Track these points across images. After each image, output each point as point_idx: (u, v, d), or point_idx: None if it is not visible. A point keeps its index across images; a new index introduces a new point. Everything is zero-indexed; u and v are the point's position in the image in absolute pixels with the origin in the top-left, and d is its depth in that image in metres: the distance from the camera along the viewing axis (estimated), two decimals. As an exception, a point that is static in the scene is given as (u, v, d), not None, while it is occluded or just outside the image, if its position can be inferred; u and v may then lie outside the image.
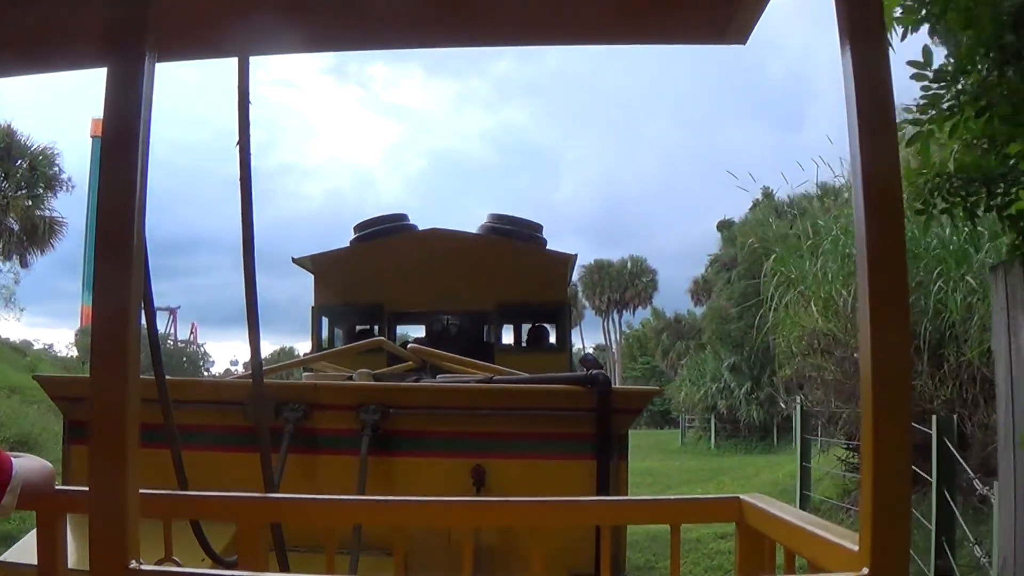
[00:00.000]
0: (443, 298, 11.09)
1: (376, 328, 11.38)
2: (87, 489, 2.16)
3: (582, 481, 4.95)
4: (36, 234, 32.01)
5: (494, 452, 5.09)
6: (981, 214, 6.11)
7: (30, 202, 31.90)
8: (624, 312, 72.87)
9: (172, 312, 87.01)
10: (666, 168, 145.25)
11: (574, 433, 5.09)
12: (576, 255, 11.57)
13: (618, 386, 5.39)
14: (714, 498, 3.62)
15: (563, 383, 5.39)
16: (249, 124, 3.28)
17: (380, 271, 10.83)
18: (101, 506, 2.14)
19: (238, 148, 3.28)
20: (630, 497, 5.13)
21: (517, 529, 3.71)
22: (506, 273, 10.84)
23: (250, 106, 3.26)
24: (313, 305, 11.32)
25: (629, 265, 71.58)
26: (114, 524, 2.13)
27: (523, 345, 12.12)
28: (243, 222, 3.35)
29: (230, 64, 3.25)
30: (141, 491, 2.22)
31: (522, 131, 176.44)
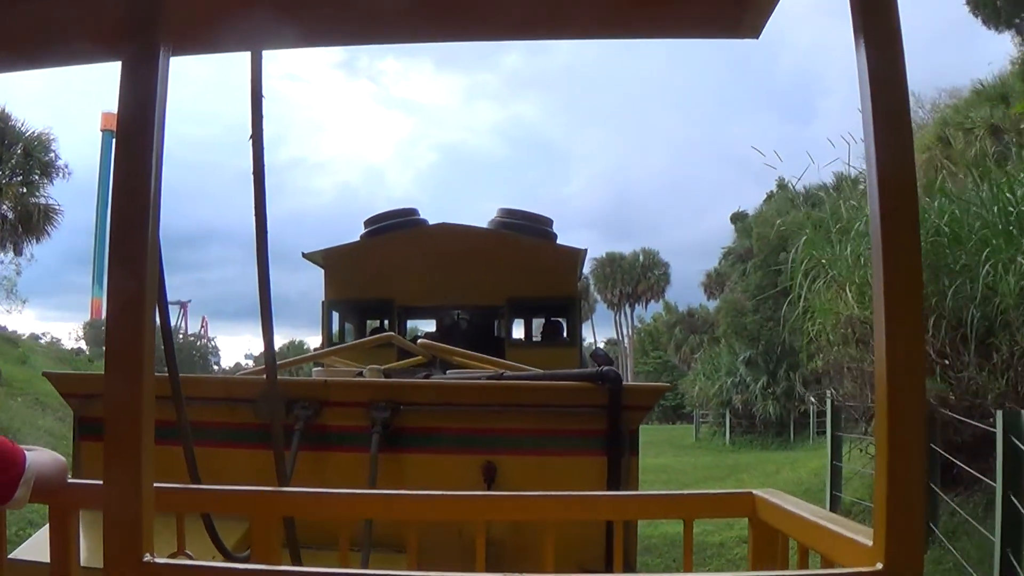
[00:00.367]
0: (453, 293, 11.11)
1: (386, 323, 11.40)
2: (101, 483, 2.17)
3: (593, 478, 4.94)
4: (30, 222, 31.27)
5: (505, 449, 5.08)
6: None
7: (24, 189, 31.03)
8: (636, 306, 72.67)
9: (183, 306, 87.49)
10: (677, 162, 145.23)
11: (585, 430, 5.08)
12: (586, 249, 11.59)
13: (629, 382, 5.38)
14: (727, 493, 3.62)
15: (574, 380, 5.38)
16: (262, 119, 3.27)
17: (390, 266, 10.85)
18: (115, 500, 2.15)
19: (251, 142, 3.28)
20: (642, 492, 5.13)
21: (528, 524, 3.71)
22: (516, 268, 10.84)
23: (263, 100, 3.27)
24: (323, 300, 11.36)
25: (641, 258, 71.29)
26: (128, 518, 2.14)
27: (534, 339, 12.14)
28: (256, 217, 3.34)
29: (238, 58, 3.24)
30: (154, 485, 2.23)
31: (532, 125, 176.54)
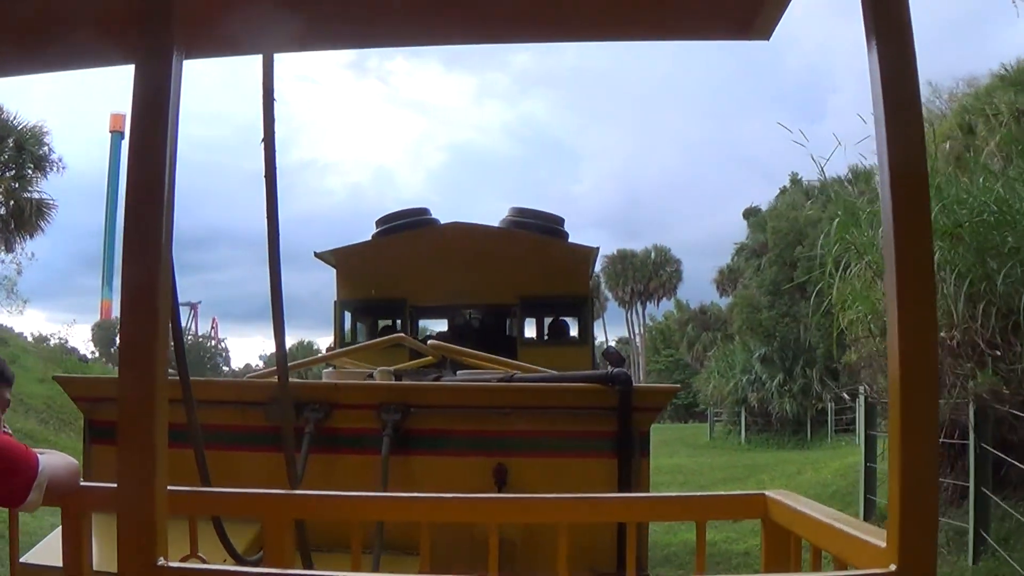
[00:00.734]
0: (465, 292, 11.10)
1: (398, 322, 11.39)
2: (114, 486, 2.17)
3: (604, 479, 4.93)
4: (22, 217, 29.76)
5: (516, 451, 5.08)
6: None
7: (16, 184, 29.57)
8: (648, 303, 71.64)
9: (194, 307, 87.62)
10: (686, 160, 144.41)
11: (595, 431, 5.07)
12: (598, 248, 11.54)
13: (639, 384, 5.37)
14: (739, 494, 3.61)
15: (584, 381, 5.38)
16: (274, 121, 3.27)
17: (402, 265, 10.84)
18: (129, 504, 2.15)
19: (263, 145, 3.28)
20: (653, 494, 5.12)
21: (539, 526, 3.71)
22: (528, 266, 10.81)
23: (275, 102, 3.27)
24: (335, 299, 11.36)
25: (653, 255, 70.17)
26: (142, 522, 2.14)
27: (546, 338, 12.11)
28: (268, 220, 3.34)
29: (249, 60, 3.24)
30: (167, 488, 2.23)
31: (542, 124, 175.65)
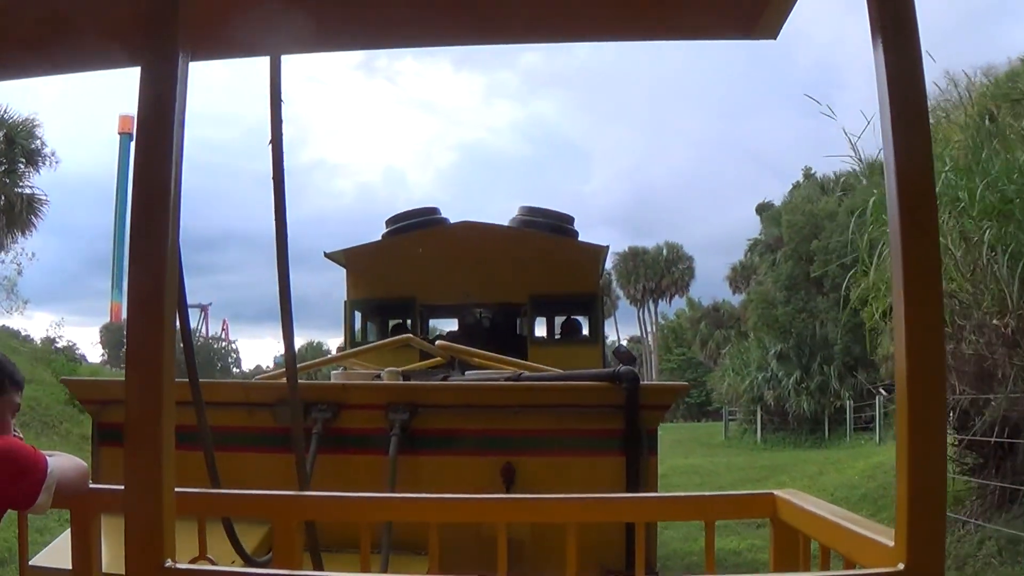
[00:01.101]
0: (475, 291, 11.09)
1: (408, 322, 11.40)
2: (122, 488, 2.18)
3: (612, 478, 4.93)
4: (12, 212, 29.07)
5: (523, 450, 5.09)
6: None
7: (7, 179, 28.80)
8: (660, 301, 70.96)
9: (204, 309, 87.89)
10: (697, 158, 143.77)
11: (603, 430, 5.07)
12: (608, 246, 11.52)
13: (646, 382, 5.37)
14: (747, 494, 3.60)
15: (591, 380, 5.39)
16: (281, 123, 3.28)
17: (412, 265, 10.85)
18: (136, 506, 2.16)
19: (271, 147, 3.29)
20: (662, 493, 5.12)
21: (547, 526, 3.71)
22: (538, 265, 10.80)
23: (282, 104, 3.28)
24: (345, 299, 11.38)
25: (665, 252, 69.52)
26: (149, 524, 2.15)
27: (556, 337, 12.11)
28: (276, 221, 3.35)
29: (257, 61, 3.25)
30: (176, 490, 2.24)
31: (552, 123, 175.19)
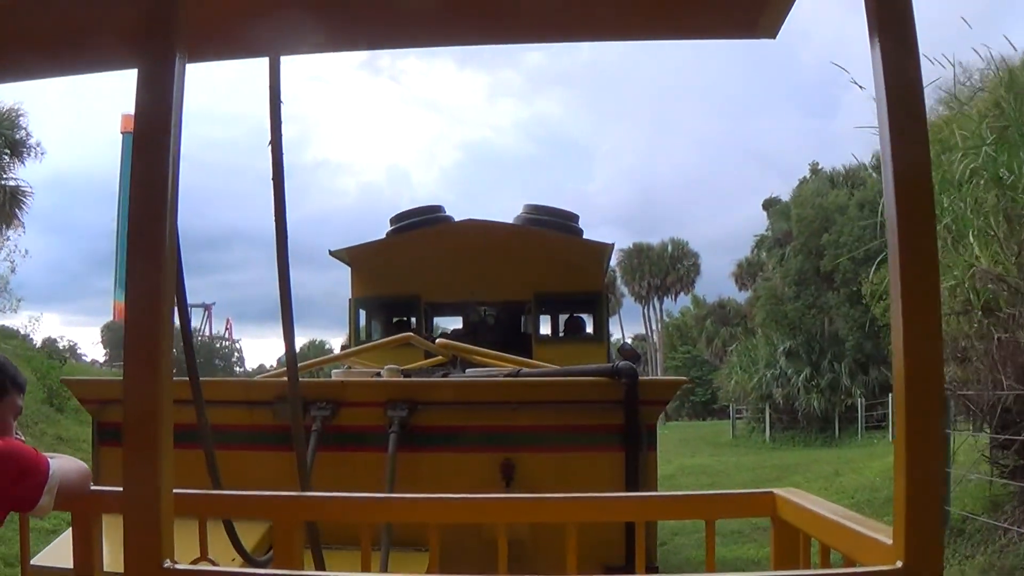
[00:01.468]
0: (480, 289, 11.10)
1: (413, 320, 11.41)
2: (122, 489, 2.18)
3: (611, 473, 4.95)
4: None
5: (523, 446, 5.10)
6: None
7: None
8: (665, 299, 70.20)
9: (207, 308, 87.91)
10: (701, 157, 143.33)
11: (602, 425, 5.08)
12: (613, 244, 11.53)
13: (646, 377, 5.38)
14: (748, 493, 3.60)
15: (590, 375, 5.39)
16: (281, 124, 3.28)
17: (417, 262, 10.86)
18: (135, 506, 2.17)
19: (270, 148, 3.29)
20: (662, 492, 5.12)
21: (548, 524, 3.71)
22: (542, 263, 10.81)
23: (282, 105, 3.27)
24: (350, 297, 11.39)
25: (670, 248, 68.57)
26: (148, 524, 2.15)
27: (561, 335, 12.11)
28: (276, 222, 3.35)
29: (261, 60, 3.26)
30: (176, 491, 2.24)
31: (555, 122, 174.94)
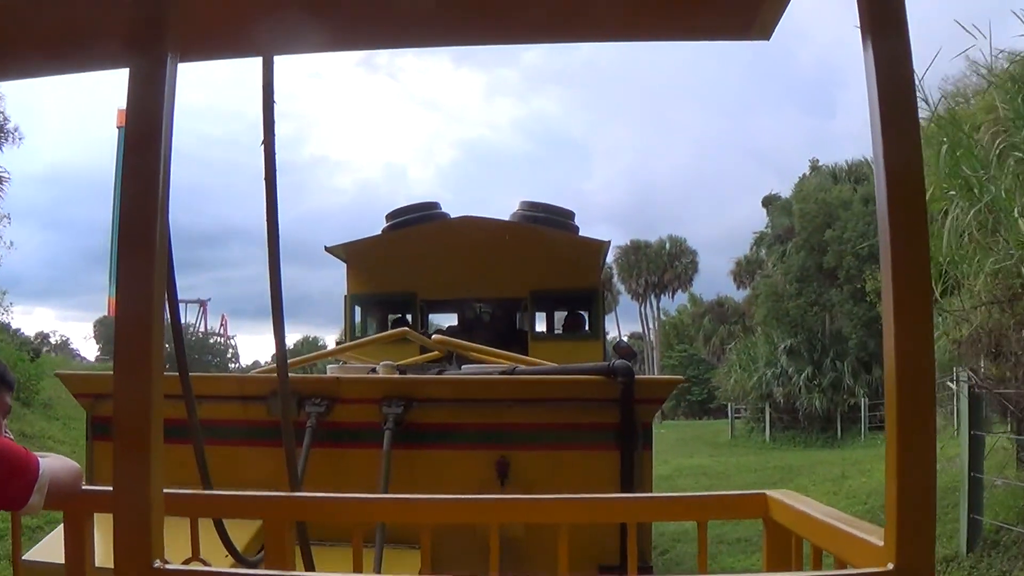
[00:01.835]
0: (476, 286, 11.10)
1: (409, 316, 11.41)
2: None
3: (606, 472, 4.94)
4: None
5: (518, 444, 5.10)
6: None
7: None
8: (663, 296, 69.23)
9: (203, 304, 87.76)
10: (698, 156, 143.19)
11: (597, 423, 5.08)
12: (609, 241, 11.52)
13: (642, 375, 5.36)
14: (740, 494, 3.58)
15: (585, 373, 5.38)
16: (274, 124, 3.26)
17: (413, 259, 10.86)
18: (125, 506, 2.16)
19: (263, 148, 3.27)
20: (655, 494, 5.11)
21: (542, 523, 3.71)
22: (538, 260, 10.80)
23: (275, 105, 3.26)
24: (346, 294, 11.38)
25: (668, 246, 67.60)
26: (138, 524, 2.15)
27: (556, 332, 12.11)
28: (268, 223, 3.34)
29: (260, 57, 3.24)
30: (167, 491, 2.23)
31: (553, 121, 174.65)
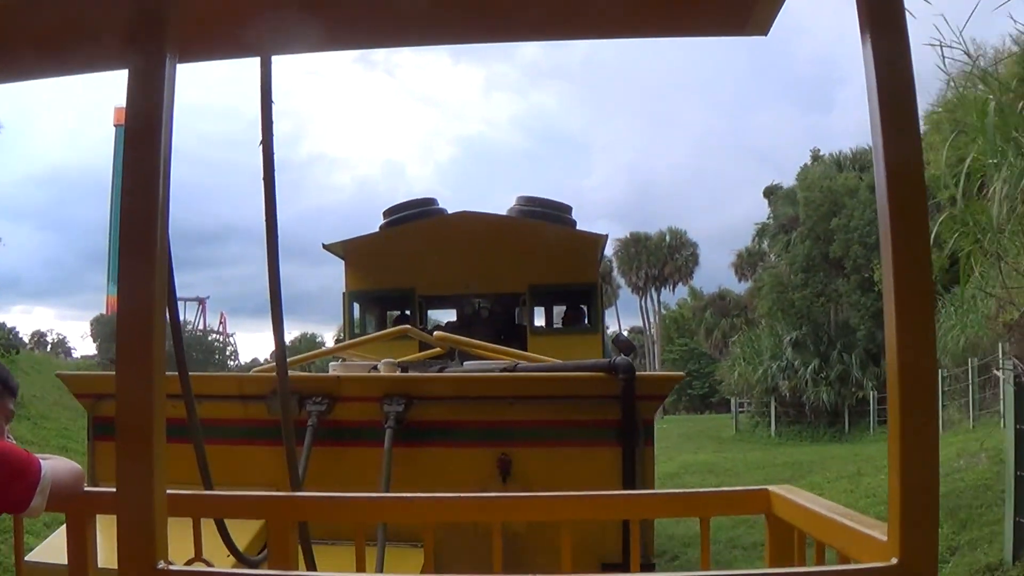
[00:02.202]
0: (474, 281, 11.08)
1: (408, 313, 11.40)
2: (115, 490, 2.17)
3: (608, 468, 4.93)
4: None
5: (519, 441, 5.09)
6: None
7: None
8: (663, 289, 68.57)
9: (201, 302, 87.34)
10: (697, 152, 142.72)
11: (599, 420, 5.07)
12: (607, 235, 11.50)
13: (643, 372, 5.36)
14: (742, 490, 3.58)
15: (586, 370, 5.38)
16: (272, 124, 3.25)
17: (410, 255, 10.84)
18: (128, 507, 2.16)
19: (262, 148, 3.26)
20: (657, 491, 5.11)
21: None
22: (536, 255, 10.78)
23: (273, 105, 3.25)
24: (344, 291, 11.37)
25: (668, 238, 66.93)
26: (141, 525, 2.15)
27: (556, 327, 12.11)
28: (267, 222, 3.33)
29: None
30: (169, 491, 2.23)
31: (551, 117, 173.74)
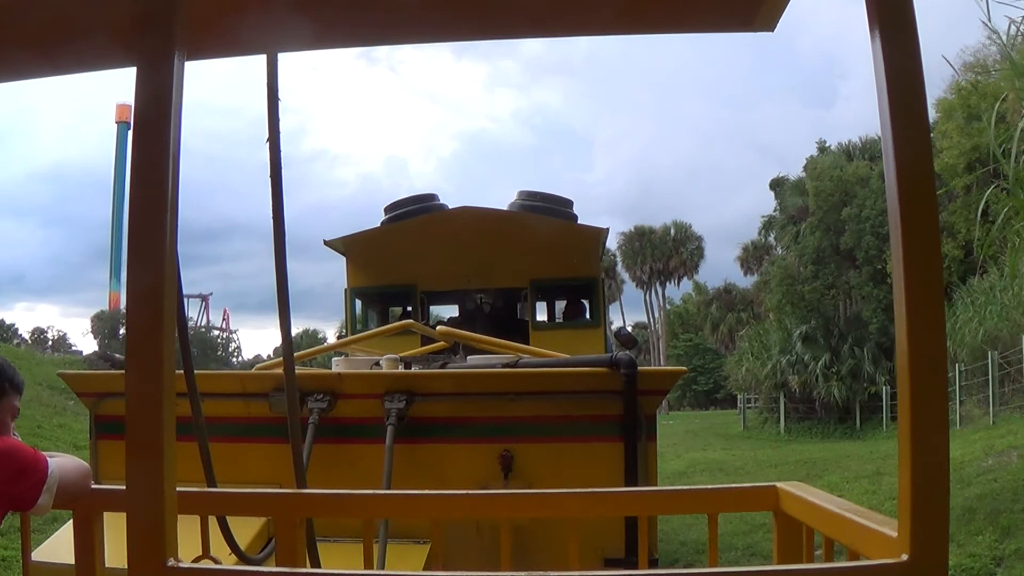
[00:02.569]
0: (476, 276, 11.07)
1: (409, 308, 11.41)
2: (123, 488, 2.17)
3: (610, 464, 4.93)
4: None
5: (522, 436, 5.10)
6: None
7: None
8: (668, 283, 68.10)
9: (204, 299, 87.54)
10: (700, 147, 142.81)
11: (601, 415, 5.07)
12: (607, 228, 11.49)
13: (645, 367, 5.36)
14: (750, 487, 3.59)
15: (589, 365, 5.39)
16: (279, 121, 3.25)
17: (412, 251, 10.84)
18: (138, 505, 2.16)
19: (268, 145, 3.26)
20: (663, 487, 5.12)
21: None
22: (538, 249, 10.76)
23: (279, 103, 3.25)
24: (346, 287, 11.37)
25: (673, 231, 66.40)
26: (151, 523, 2.15)
27: (558, 321, 12.11)
28: (274, 219, 3.33)
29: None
30: (176, 489, 2.23)
31: (554, 112, 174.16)
